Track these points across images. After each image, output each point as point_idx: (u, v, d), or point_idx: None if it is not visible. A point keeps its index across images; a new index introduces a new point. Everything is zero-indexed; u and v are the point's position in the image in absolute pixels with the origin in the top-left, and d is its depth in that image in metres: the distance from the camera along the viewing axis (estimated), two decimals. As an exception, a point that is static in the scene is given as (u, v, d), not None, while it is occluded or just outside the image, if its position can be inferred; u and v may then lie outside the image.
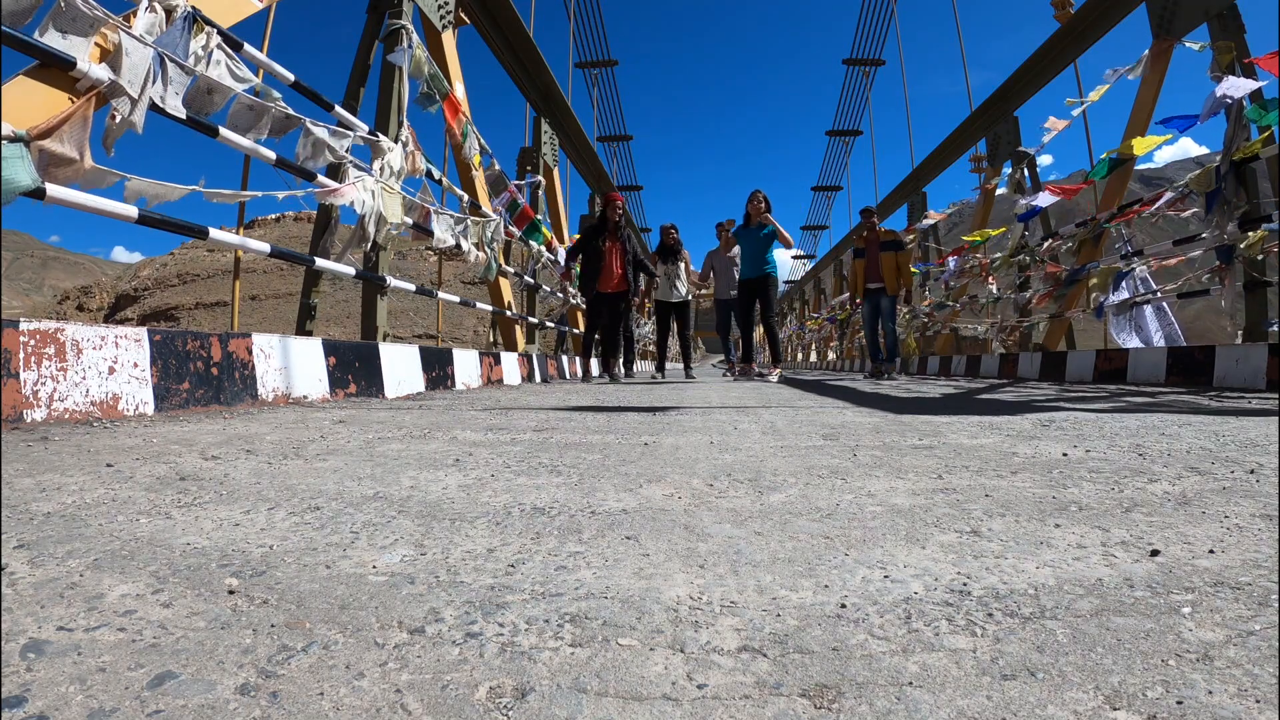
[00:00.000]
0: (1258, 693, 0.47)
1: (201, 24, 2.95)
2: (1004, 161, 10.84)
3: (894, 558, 0.79)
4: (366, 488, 1.20)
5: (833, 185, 28.92)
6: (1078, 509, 1.01)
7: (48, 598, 0.66)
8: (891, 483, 1.22)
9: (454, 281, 36.73)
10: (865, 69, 20.97)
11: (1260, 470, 1.28)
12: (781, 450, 1.65)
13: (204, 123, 2.99)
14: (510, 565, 0.78)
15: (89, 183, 2.37)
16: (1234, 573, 0.72)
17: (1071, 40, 9.37)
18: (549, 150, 10.97)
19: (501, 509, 1.05)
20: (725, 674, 0.52)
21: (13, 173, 2.02)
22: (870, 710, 0.46)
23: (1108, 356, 6.24)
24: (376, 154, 4.45)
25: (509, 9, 8.40)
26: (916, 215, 14.39)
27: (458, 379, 5.11)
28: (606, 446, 1.73)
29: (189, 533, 0.90)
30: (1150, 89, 7.34)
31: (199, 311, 45.57)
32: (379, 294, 5.01)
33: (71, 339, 2.17)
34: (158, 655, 0.54)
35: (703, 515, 1.00)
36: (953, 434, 1.94)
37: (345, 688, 0.49)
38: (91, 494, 1.12)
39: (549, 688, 0.50)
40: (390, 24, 5.51)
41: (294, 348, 3.32)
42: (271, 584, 0.71)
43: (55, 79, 2.39)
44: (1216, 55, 5.22)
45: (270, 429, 2.10)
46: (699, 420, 2.43)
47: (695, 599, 0.67)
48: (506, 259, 7.65)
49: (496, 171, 7.28)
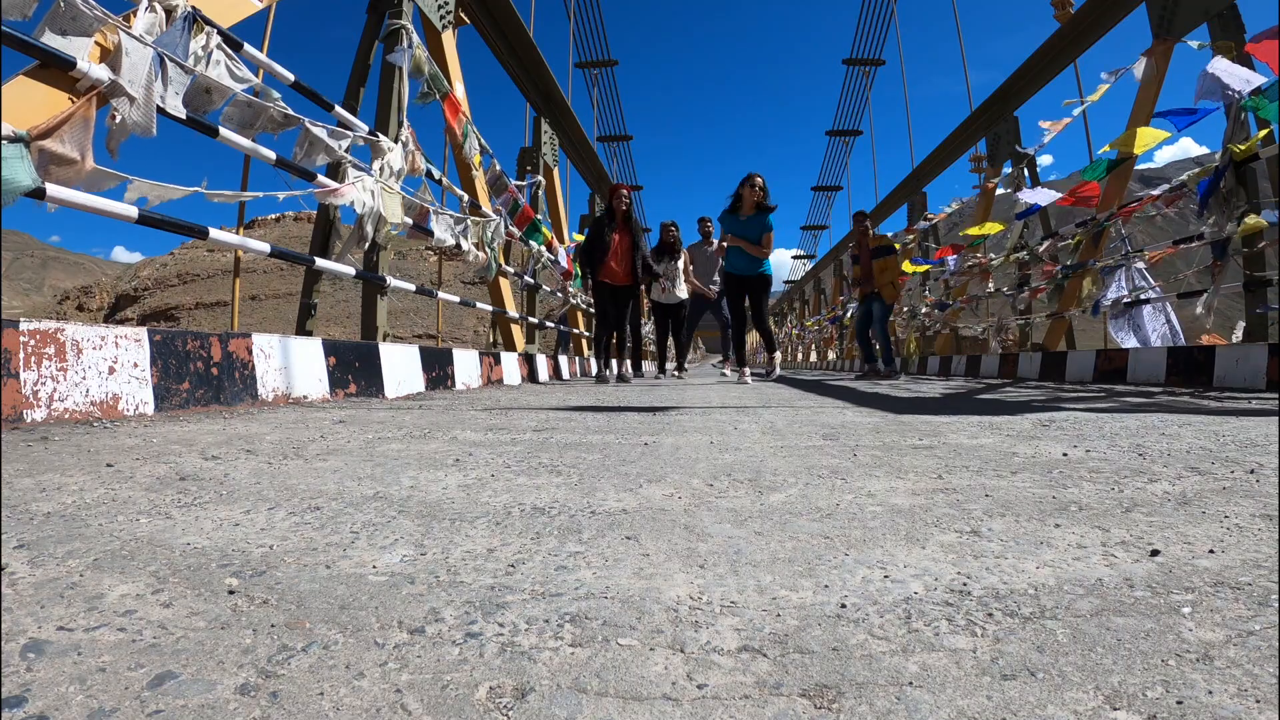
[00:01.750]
0: (1258, 693, 0.47)
1: (201, 24, 2.95)
2: (1004, 161, 10.84)
3: (894, 558, 0.79)
4: (366, 488, 1.20)
5: (833, 185, 28.94)
6: (1078, 509, 1.01)
7: (48, 598, 0.66)
8: (891, 483, 1.22)
9: (454, 281, 36.71)
10: (865, 69, 21.00)
11: (1260, 470, 1.28)
12: (781, 450, 1.65)
13: (204, 123, 2.98)
14: (510, 565, 0.78)
15: (90, 184, 2.37)
16: (1234, 573, 0.72)
17: (1071, 40, 9.37)
18: (549, 150, 10.97)
19: (501, 509, 1.05)
20: (725, 674, 0.52)
21: (13, 173, 2.02)
22: (870, 710, 0.46)
23: (1108, 356, 6.23)
24: (376, 154, 4.45)
25: (509, 9, 8.39)
26: (916, 215, 14.39)
27: (458, 379, 5.11)
28: (606, 446, 1.73)
29: (189, 533, 0.90)
30: (1150, 89, 7.34)
31: (199, 311, 45.55)
32: (379, 294, 5.01)
33: (71, 339, 2.17)
34: (158, 655, 0.54)
35: (703, 515, 1.00)
36: (953, 434, 1.94)
37: (345, 688, 0.49)
38: (91, 494, 1.12)
39: (549, 688, 0.50)
40: (390, 24, 5.51)
41: (294, 348, 3.32)
42: (271, 584, 0.71)
43: (55, 79, 2.39)
44: (1216, 55, 5.21)
45: (270, 429, 2.10)
46: (699, 420, 2.43)
47: (695, 599, 0.67)
48: (506, 259, 7.65)
49: (496, 171, 7.28)
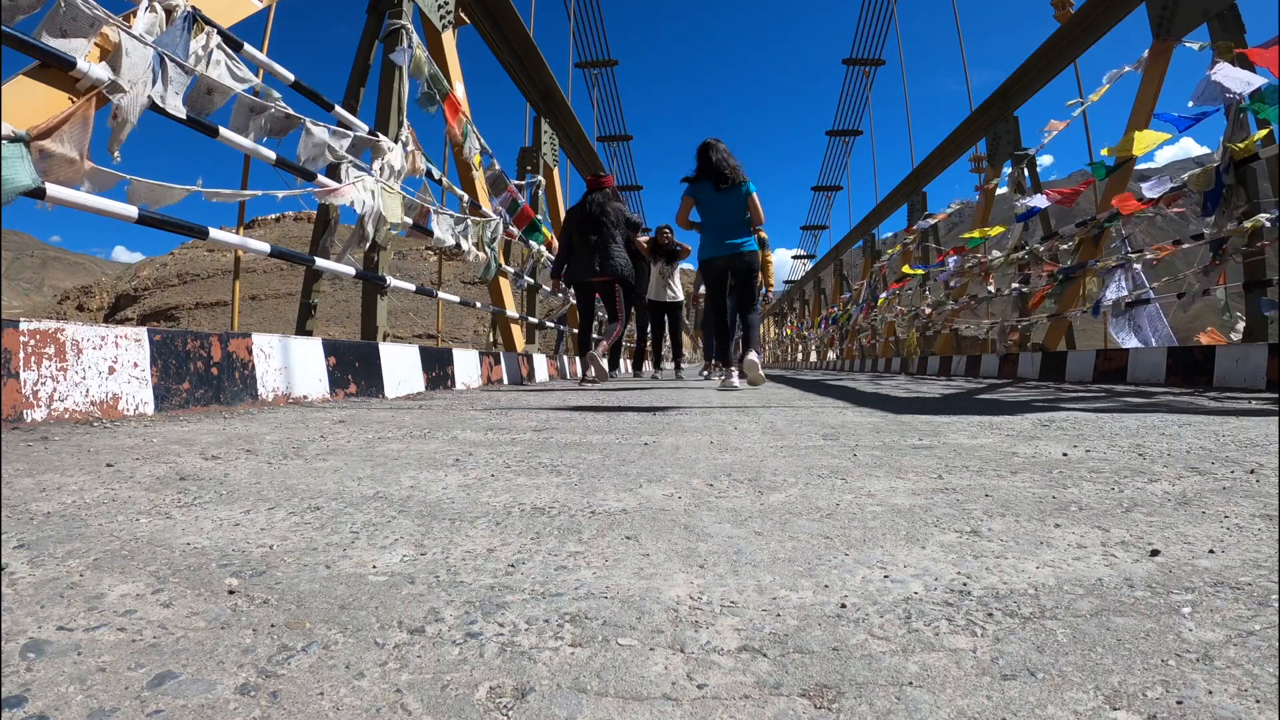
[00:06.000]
0: (1258, 693, 0.47)
1: (201, 24, 2.95)
2: (1004, 161, 10.84)
3: (894, 558, 0.79)
4: (366, 488, 1.20)
5: (833, 185, 28.95)
6: (1078, 509, 1.01)
7: (48, 598, 0.66)
8: (891, 482, 1.22)
9: (454, 281, 36.70)
10: (865, 69, 21.01)
11: (1260, 470, 1.28)
12: (781, 450, 1.65)
13: (204, 123, 2.99)
14: (510, 565, 0.78)
15: (89, 183, 2.37)
16: (1234, 573, 0.72)
17: (1071, 40, 9.38)
18: (549, 150, 10.96)
19: (501, 509, 1.05)
20: (725, 674, 0.52)
21: (13, 173, 2.02)
22: (870, 710, 0.46)
23: (1108, 356, 6.23)
24: (376, 154, 4.45)
25: (509, 9, 8.39)
26: (916, 215, 14.39)
27: (458, 379, 5.11)
28: (606, 446, 1.73)
29: (189, 533, 0.90)
30: (1150, 89, 7.35)
31: (199, 311, 45.52)
32: (379, 294, 5.02)
33: (71, 339, 2.17)
34: (158, 655, 0.54)
35: (703, 515, 1.00)
36: (953, 434, 1.94)
37: (345, 688, 0.49)
38: (91, 494, 1.12)
39: (549, 687, 0.50)
40: (390, 24, 5.51)
41: (294, 348, 3.32)
42: (271, 584, 0.71)
43: (55, 79, 2.39)
44: (1216, 55, 5.22)
45: (270, 429, 2.10)
46: (699, 420, 2.43)
47: (695, 599, 0.67)
48: (506, 259, 7.65)
49: (496, 171, 7.28)
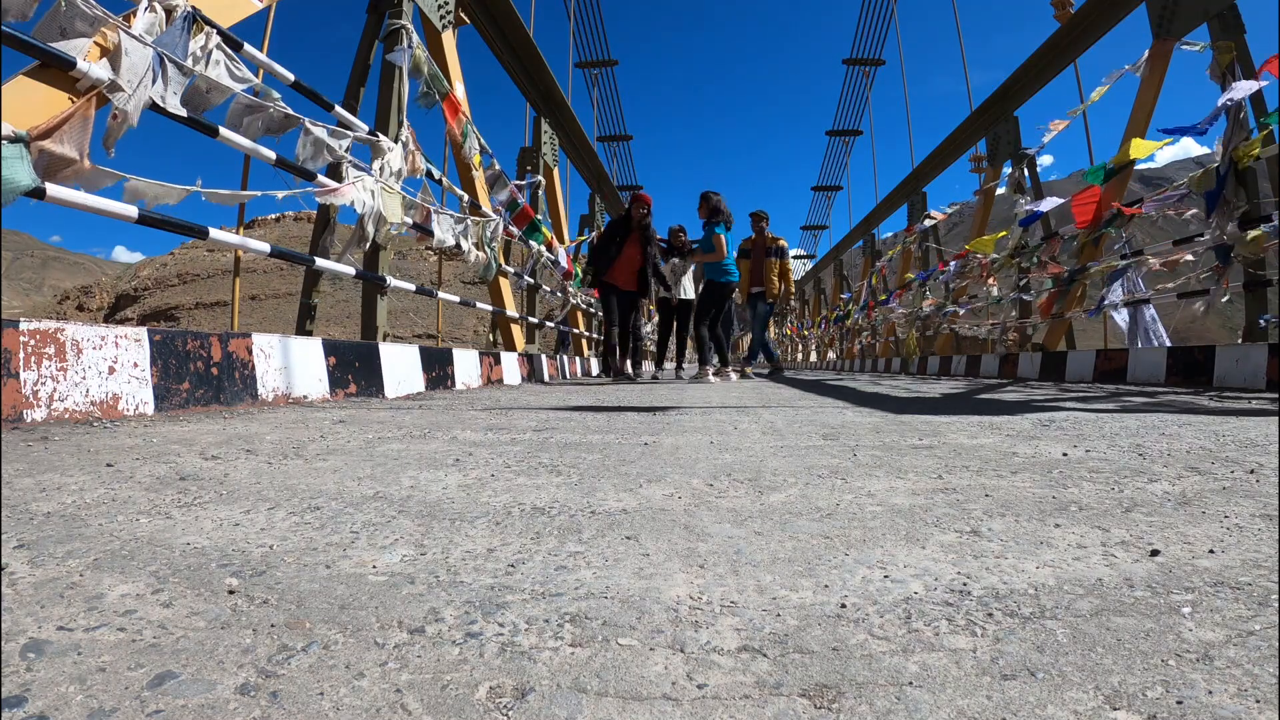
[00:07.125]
0: (1258, 693, 0.47)
1: (201, 24, 2.95)
2: (1004, 161, 10.83)
3: (894, 558, 0.79)
4: (366, 488, 1.20)
5: (833, 185, 28.92)
6: (1078, 509, 1.01)
7: (48, 598, 0.66)
8: (891, 482, 1.22)
9: (454, 281, 36.68)
10: (865, 69, 21.00)
11: (1260, 470, 1.28)
12: (781, 450, 1.65)
13: (204, 123, 2.98)
14: (510, 565, 0.78)
15: (89, 183, 2.37)
16: (1234, 573, 0.72)
17: (1071, 40, 9.37)
18: (549, 150, 10.96)
19: (501, 509, 1.05)
20: (725, 674, 0.52)
21: (13, 173, 2.02)
22: (870, 710, 0.46)
23: (1108, 356, 6.23)
24: (376, 154, 4.45)
25: (509, 9, 8.39)
26: (916, 215, 14.38)
27: (458, 379, 5.11)
28: (606, 446, 1.73)
29: (189, 533, 0.90)
30: (1150, 89, 7.34)
31: (199, 311, 45.49)
32: (379, 294, 5.01)
33: (71, 339, 2.17)
34: (158, 655, 0.54)
35: (703, 515, 1.00)
36: (953, 434, 1.94)
37: (345, 688, 0.49)
38: (91, 494, 1.12)
39: (549, 687, 0.50)
40: (390, 24, 5.51)
41: (294, 348, 3.32)
42: (271, 584, 0.71)
43: (55, 79, 2.39)
44: (1216, 55, 5.21)
45: (270, 429, 2.10)
46: (699, 420, 2.43)
47: (695, 599, 0.67)
48: (506, 259, 7.64)
49: (496, 171, 7.28)
